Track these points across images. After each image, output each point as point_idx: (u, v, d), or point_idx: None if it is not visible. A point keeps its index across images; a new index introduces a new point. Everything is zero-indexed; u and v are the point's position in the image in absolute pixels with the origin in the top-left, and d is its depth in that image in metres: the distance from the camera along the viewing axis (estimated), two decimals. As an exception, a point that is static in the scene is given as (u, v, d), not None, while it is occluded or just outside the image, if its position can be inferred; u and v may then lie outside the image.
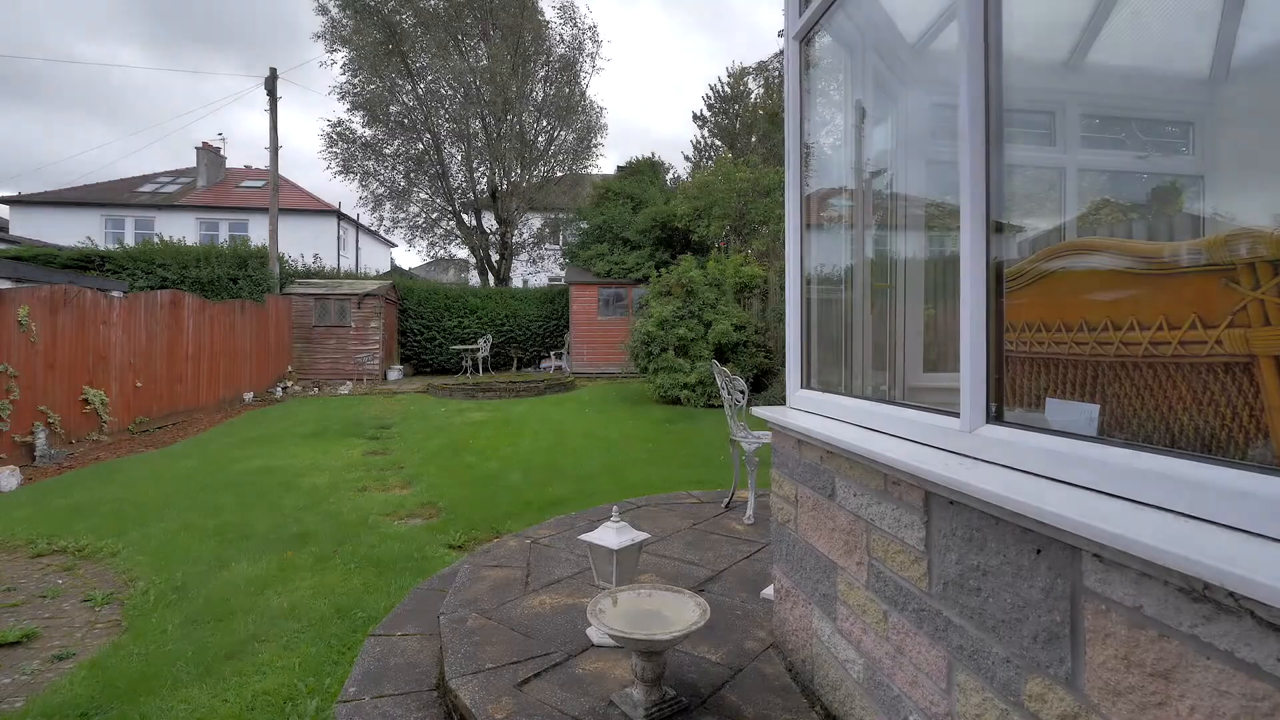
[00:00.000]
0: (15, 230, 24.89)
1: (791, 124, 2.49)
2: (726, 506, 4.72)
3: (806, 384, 2.46)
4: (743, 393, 4.41)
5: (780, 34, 10.51)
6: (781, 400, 8.73)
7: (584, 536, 2.64)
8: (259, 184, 29.46)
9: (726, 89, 24.64)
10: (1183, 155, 1.46)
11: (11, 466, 7.03)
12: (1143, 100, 1.50)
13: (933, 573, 1.47)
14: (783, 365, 12.14)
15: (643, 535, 2.66)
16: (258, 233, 26.32)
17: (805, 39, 2.47)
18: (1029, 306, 1.43)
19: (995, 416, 1.40)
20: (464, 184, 20.65)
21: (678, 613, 2.14)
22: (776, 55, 11.55)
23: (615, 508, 2.65)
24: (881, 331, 2.26)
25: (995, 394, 1.40)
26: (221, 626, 3.52)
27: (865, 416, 1.90)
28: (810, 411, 2.30)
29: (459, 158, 20.41)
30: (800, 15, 2.46)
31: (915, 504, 1.53)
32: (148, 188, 28.66)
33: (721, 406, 11.72)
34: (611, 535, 2.59)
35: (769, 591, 2.83)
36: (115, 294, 9.91)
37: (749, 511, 4.36)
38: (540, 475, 6.80)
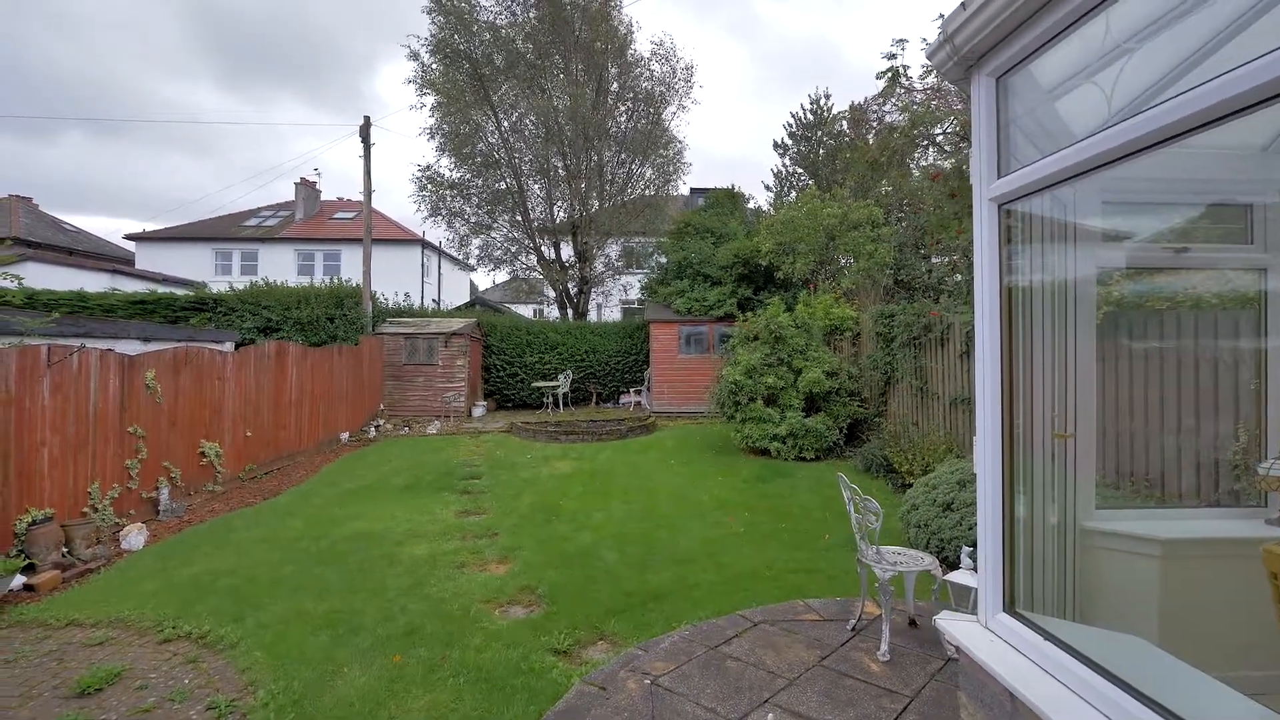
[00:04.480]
0: (140, 264, 27.23)
1: (988, 299, 2.16)
2: (853, 630, 4.33)
3: (1011, 606, 2.09)
4: (876, 515, 4.03)
5: (878, 76, 10.02)
6: (885, 465, 8.05)
7: (738, 748, 2.37)
8: (350, 215, 31.12)
9: (809, 115, 24.01)
10: None
11: (139, 524, 7.44)
12: None
13: None
14: (878, 415, 11.50)
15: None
16: (350, 260, 27.81)
17: (1007, 204, 2.14)
18: None
19: None
20: (543, 217, 20.98)
21: None
22: (875, 98, 11.05)
23: (771, 717, 2.36)
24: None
25: None
26: (340, 766, 3.46)
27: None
28: (1023, 654, 1.94)
29: (538, 193, 20.77)
30: (998, 176, 2.13)
31: None
32: (252, 222, 30.75)
33: (814, 460, 11.21)
34: (771, 752, 2.31)
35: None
36: (227, 346, 10.48)
37: (883, 646, 3.96)
38: (636, 554, 6.60)
